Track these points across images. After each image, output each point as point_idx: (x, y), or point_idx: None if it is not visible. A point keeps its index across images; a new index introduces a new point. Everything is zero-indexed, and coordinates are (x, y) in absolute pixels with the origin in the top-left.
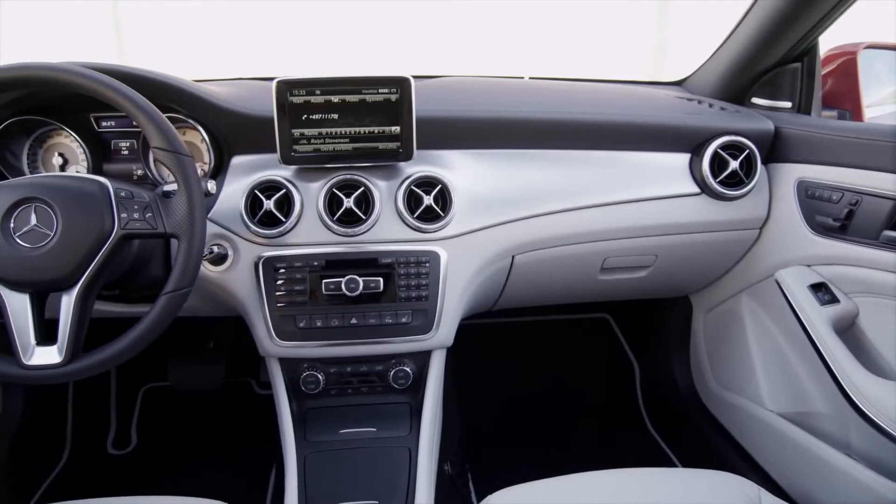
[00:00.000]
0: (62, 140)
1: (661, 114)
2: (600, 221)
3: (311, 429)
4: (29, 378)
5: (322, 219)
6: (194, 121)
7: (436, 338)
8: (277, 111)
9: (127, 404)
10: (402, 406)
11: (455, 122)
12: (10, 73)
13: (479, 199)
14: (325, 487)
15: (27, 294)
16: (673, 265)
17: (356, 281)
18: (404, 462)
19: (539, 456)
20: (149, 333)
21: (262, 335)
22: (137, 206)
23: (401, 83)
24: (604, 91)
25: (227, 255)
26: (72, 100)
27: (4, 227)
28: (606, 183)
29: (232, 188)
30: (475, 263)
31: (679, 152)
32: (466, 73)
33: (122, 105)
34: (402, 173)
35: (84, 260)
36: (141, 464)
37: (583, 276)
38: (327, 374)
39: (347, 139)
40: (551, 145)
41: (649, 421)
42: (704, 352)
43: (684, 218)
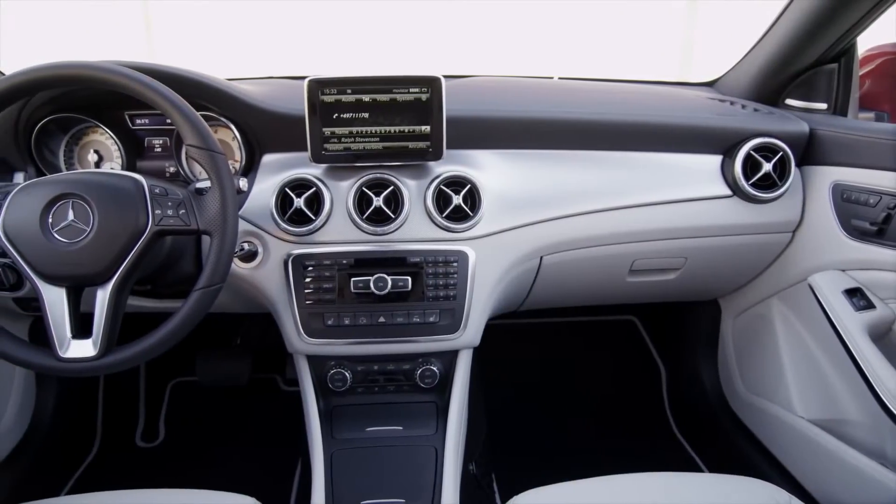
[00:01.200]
0: (97, 137)
1: (692, 115)
2: (630, 223)
3: (337, 426)
4: (65, 370)
5: (351, 217)
6: (226, 119)
7: (463, 337)
8: (308, 110)
9: (155, 398)
10: (429, 405)
11: (485, 121)
12: (50, 72)
13: (508, 199)
14: (352, 484)
15: (63, 288)
16: (703, 268)
17: (384, 280)
18: (430, 461)
19: (563, 458)
20: (181, 328)
21: (290, 332)
22: (171, 203)
23: (431, 83)
24: (634, 92)
25: (256, 253)
26: (107, 98)
27: (43, 223)
28: (637, 184)
29: (262, 186)
30: (503, 264)
31: (711, 154)
32: (495, 73)
33: (157, 103)
34: (432, 173)
35: (119, 255)
36: (168, 457)
37: (611, 278)
38: (354, 371)
39: (377, 138)
40: (581, 146)
41: (675, 425)
42: (733, 356)
43: (715, 220)
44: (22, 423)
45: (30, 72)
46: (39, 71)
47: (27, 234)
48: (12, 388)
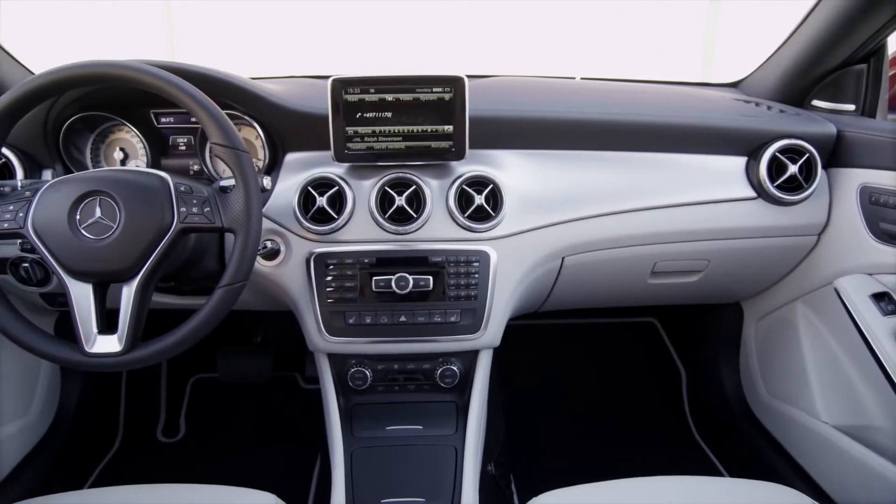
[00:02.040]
0: (123, 135)
1: (717, 115)
2: (653, 224)
3: (357, 424)
4: (91, 365)
5: (373, 216)
6: (250, 118)
7: (484, 338)
8: (332, 109)
9: (176, 394)
10: (448, 405)
11: (507, 121)
12: (80, 71)
13: (530, 199)
14: (372, 483)
15: (90, 284)
16: (726, 271)
17: (406, 279)
18: (450, 461)
19: (582, 460)
20: (205, 325)
21: (311, 330)
22: (196, 201)
23: (455, 82)
24: (657, 92)
25: (279, 251)
26: (133, 96)
27: (71, 219)
28: (660, 185)
29: (285, 184)
30: (525, 264)
31: (735, 155)
32: (518, 73)
33: (183, 101)
34: (454, 172)
35: (145, 252)
36: (188, 452)
37: (633, 280)
38: (375, 370)
39: (400, 137)
40: (604, 147)
41: (695, 429)
42: (755, 360)
43: (739, 223)
44: (47, 417)
45: (59, 71)
46: (69, 70)
47: (55, 230)
48: (38, 382)
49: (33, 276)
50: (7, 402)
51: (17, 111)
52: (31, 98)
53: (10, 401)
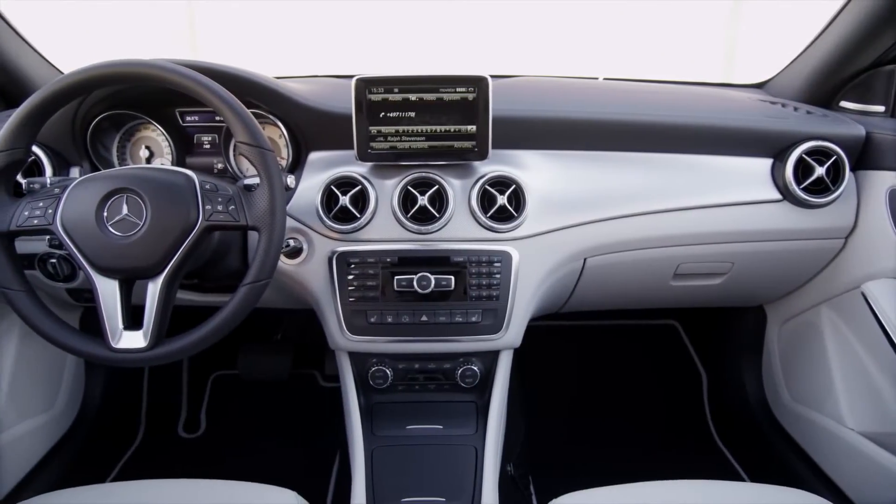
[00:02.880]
0: (149, 134)
1: (742, 116)
2: (676, 226)
3: (378, 423)
4: (116, 361)
5: (396, 216)
6: (274, 116)
7: (505, 338)
8: (356, 108)
9: (197, 390)
10: (469, 405)
11: (530, 122)
12: (109, 70)
13: (552, 200)
14: (392, 481)
15: (116, 280)
16: (750, 273)
17: (428, 278)
18: (470, 461)
19: (601, 462)
20: (228, 323)
21: (333, 329)
22: (221, 199)
23: (478, 82)
24: (681, 93)
25: (301, 249)
26: (159, 95)
27: (98, 216)
28: (683, 187)
29: (308, 183)
30: (547, 265)
31: (760, 157)
32: (540, 73)
33: (210, 100)
34: (477, 172)
35: (170, 249)
36: (209, 447)
37: (655, 282)
38: (395, 369)
39: (423, 137)
40: (627, 147)
41: (716, 432)
42: (778, 364)
43: (764, 225)
44: (71, 411)
45: (89, 70)
46: (98, 69)
47: (83, 227)
48: (63, 377)
49: (60, 271)
50: (34, 396)
51: (48, 109)
52: (61, 97)
53: (37, 394)
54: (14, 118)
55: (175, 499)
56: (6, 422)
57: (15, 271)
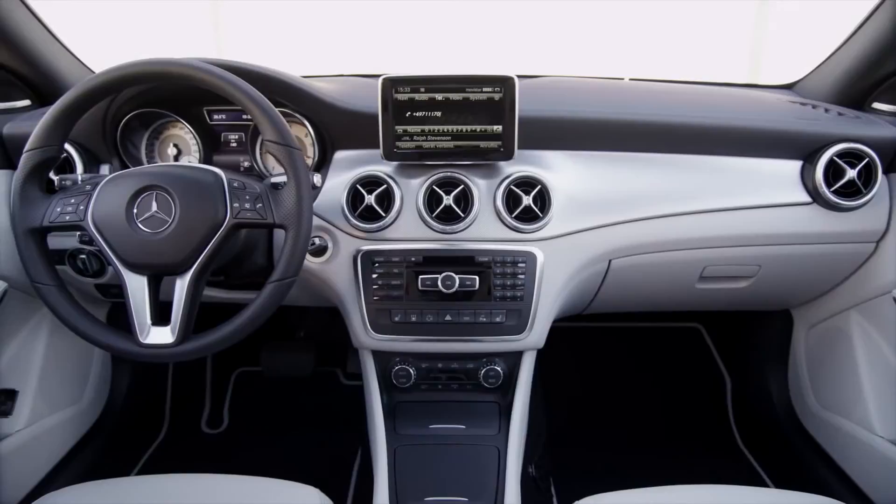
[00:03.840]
0: (177, 132)
1: (771, 118)
2: (702, 228)
3: (400, 422)
4: (144, 356)
5: (421, 215)
6: (301, 115)
7: (529, 338)
8: (382, 108)
9: (220, 386)
10: (491, 405)
11: (556, 122)
12: (140, 69)
13: (577, 201)
14: (415, 480)
15: (145, 276)
16: (777, 277)
17: (452, 278)
18: (493, 461)
19: (623, 465)
20: (255, 320)
21: (357, 327)
22: (249, 197)
23: (504, 82)
24: (708, 93)
25: (326, 247)
26: (187, 94)
27: (129, 213)
28: (711, 189)
29: (334, 182)
30: (571, 266)
31: (790, 159)
32: (565, 73)
33: (239, 99)
34: (502, 172)
35: (198, 246)
36: (231, 443)
37: (680, 284)
38: (418, 368)
39: (449, 137)
40: (654, 148)
41: (740, 437)
42: (805, 369)
43: (793, 228)
44: (98, 405)
45: (121, 68)
46: (130, 67)
47: (114, 223)
48: (91, 371)
49: (89, 267)
50: (63, 389)
51: (81, 107)
52: (95, 95)
53: (66, 387)
54: (48, 116)
55: (200, 493)
56: (36, 413)
57: (47, 266)
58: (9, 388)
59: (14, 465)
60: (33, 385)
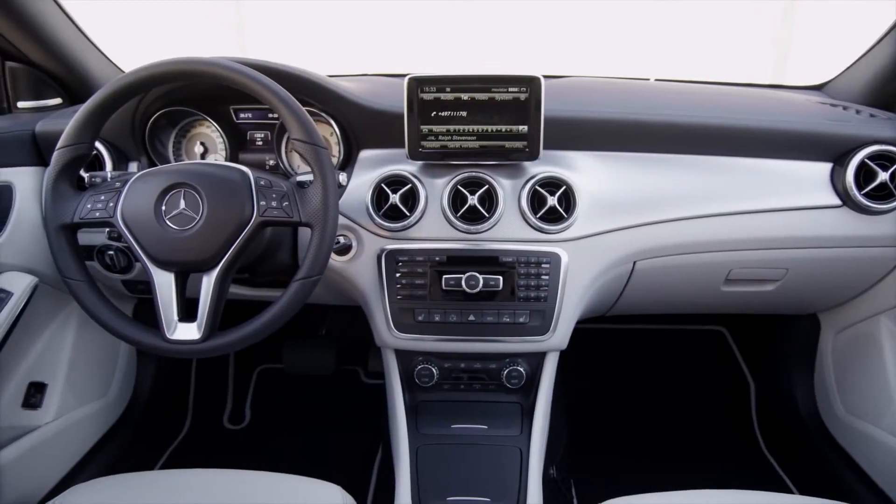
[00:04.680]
0: (204, 130)
1: (801, 119)
2: (729, 231)
3: (422, 421)
4: (171, 351)
5: (446, 215)
6: (327, 114)
7: (552, 339)
8: (407, 107)
9: (242, 383)
10: (514, 406)
11: (581, 122)
12: (170, 68)
13: (603, 202)
14: (437, 480)
15: (172, 273)
16: (804, 281)
17: (476, 278)
18: (515, 462)
19: (643, 468)
20: (280, 317)
21: (380, 326)
22: (275, 195)
23: (530, 82)
24: (735, 94)
25: (351, 246)
26: (215, 93)
27: (157, 210)
28: (738, 191)
29: (359, 181)
30: (596, 267)
31: (819, 161)
32: (590, 73)
33: (266, 98)
34: (527, 173)
35: (225, 244)
36: (253, 439)
37: (706, 287)
38: (441, 368)
39: (474, 137)
40: (681, 150)
41: (764, 442)
42: (832, 375)
43: (822, 231)
44: (123, 399)
45: (152, 67)
46: (161, 66)
47: (142, 220)
48: (116, 366)
49: (117, 263)
50: (90, 383)
51: (113, 106)
52: (126, 93)
53: (93, 381)
54: (80, 114)
55: (225, 488)
56: (64, 407)
57: (77, 262)
58: (38, 381)
59: (42, 457)
60: (61, 379)
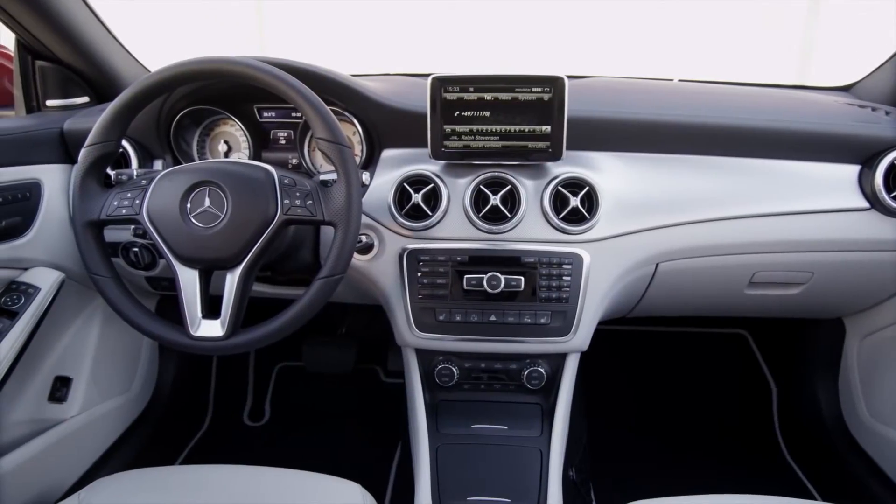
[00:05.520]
0: (227, 129)
1: (828, 120)
2: (754, 233)
3: (442, 421)
4: (195, 348)
5: (468, 215)
6: (350, 114)
7: (573, 341)
8: (430, 107)
9: (262, 380)
10: (534, 407)
11: (605, 123)
12: (197, 66)
13: (625, 203)
14: (457, 480)
15: (197, 270)
16: (830, 284)
17: (498, 278)
18: (535, 463)
19: (662, 472)
20: (302, 315)
21: (401, 325)
22: (299, 194)
23: (554, 82)
24: (761, 95)
25: (373, 245)
26: (238, 92)
27: (182, 208)
28: (762, 193)
29: (381, 180)
30: (618, 269)
31: (847, 163)
32: (612, 74)
33: (292, 97)
34: (550, 173)
35: (249, 242)
36: (272, 436)
37: (729, 290)
38: (461, 368)
39: (497, 137)
40: (704, 151)
41: (786, 447)
42: (857, 380)
43: (849, 234)
44: (146, 394)
45: (179, 66)
46: (188, 65)
47: (168, 217)
48: (139, 361)
49: (141, 260)
50: (113, 378)
51: (140, 104)
52: (152, 92)
53: (116, 377)
54: (108, 113)
55: (246, 485)
56: (89, 401)
57: (104, 258)
58: (64, 376)
59: (67, 450)
60: (86, 373)
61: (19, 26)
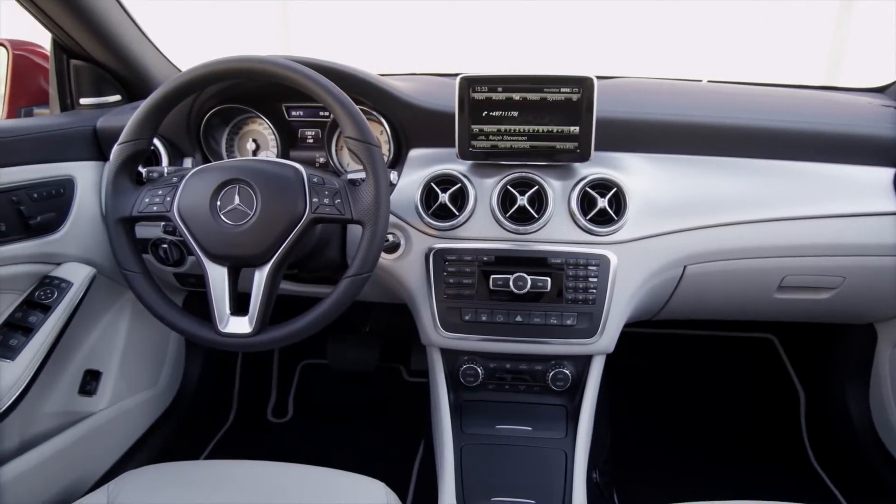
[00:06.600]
0: (256, 127)
1: (860, 122)
2: (784, 236)
3: (467, 421)
4: (223, 344)
5: (495, 215)
6: (377, 113)
7: (599, 343)
8: (458, 106)
9: (286, 377)
10: (559, 408)
11: (633, 124)
12: (228, 66)
13: (654, 204)
14: (481, 480)
15: (226, 267)
16: (862, 289)
17: (524, 279)
18: (560, 464)
19: (687, 476)
20: (330, 313)
21: (427, 325)
22: (328, 192)
23: (583, 83)
24: (792, 96)
25: (399, 244)
26: (267, 90)
27: (212, 205)
28: (794, 196)
29: (408, 180)
30: (645, 271)
31: (882, 166)
32: (640, 74)
33: (321, 96)
34: (577, 174)
35: (277, 239)
36: (295, 433)
37: (758, 294)
38: (486, 368)
39: (525, 137)
40: (734, 153)
41: (813, 455)
42: (889, 388)
43: (882, 239)
44: (172, 389)
45: (209, 65)
46: (219, 64)
47: (198, 215)
48: (166, 357)
49: (171, 256)
50: (141, 373)
51: (172, 103)
52: (184, 91)
53: (144, 371)
54: (140, 111)
55: (270, 481)
56: (117, 395)
57: (135, 254)
58: (94, 369)
59: (96, 443)
60: (115, 367)
61: (56, 26)
